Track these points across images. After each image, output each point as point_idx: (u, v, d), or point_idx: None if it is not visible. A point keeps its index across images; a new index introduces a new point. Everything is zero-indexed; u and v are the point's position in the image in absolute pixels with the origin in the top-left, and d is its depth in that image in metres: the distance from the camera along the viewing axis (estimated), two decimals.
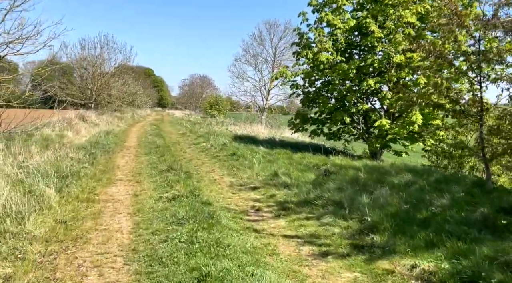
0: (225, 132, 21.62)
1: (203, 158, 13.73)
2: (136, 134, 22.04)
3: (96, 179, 9.06)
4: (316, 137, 17.21)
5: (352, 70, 13.21)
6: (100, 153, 13.08)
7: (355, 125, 14.69)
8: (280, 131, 23.84)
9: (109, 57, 34.51)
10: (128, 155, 13.80)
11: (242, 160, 12.29)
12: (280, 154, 13.47)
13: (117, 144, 16.40)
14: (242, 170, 10.97)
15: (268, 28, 28.45)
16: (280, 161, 12.13)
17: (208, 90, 63.20)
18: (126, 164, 12.01)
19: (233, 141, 16.76)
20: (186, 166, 11.68)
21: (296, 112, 16.76)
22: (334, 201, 6.97)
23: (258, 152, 13.80)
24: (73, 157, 10.95)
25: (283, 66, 16.13)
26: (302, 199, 7.46)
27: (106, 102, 36.77)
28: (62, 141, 15.28)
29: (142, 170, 10.92)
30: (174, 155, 13.72)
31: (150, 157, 13.16)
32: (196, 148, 16.38)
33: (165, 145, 16.71)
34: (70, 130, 17.72)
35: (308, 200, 7.30)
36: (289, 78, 15.91)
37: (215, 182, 9.70)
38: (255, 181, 9.62)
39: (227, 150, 14.41)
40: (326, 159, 12.46)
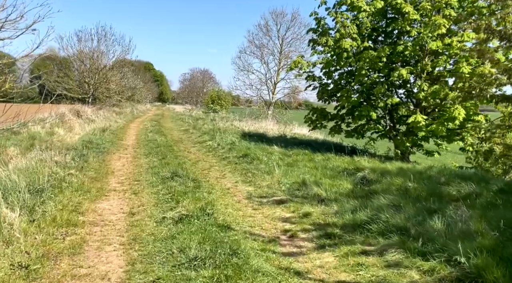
0: (231, 129, 19.78)
1: (211, 160, 11.91)
2: (135, 131, 20.19)
3: (83, 190, 7.23)
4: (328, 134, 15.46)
5: (382, 58, 11.36)
6: (92, 154, 11.24)
7: (382, 122, 12.86)
8: (290, 127, 22.01)
9: (107, 49, 32.54)
10: (125, 156, 11.97)
11: (256, 163, 10.47)
12: (299, 155, 11.66)
13: (114, 143, 14.57)
14: (259, 176, 9.15)
15: (275, 18, 26.56)
16: (301, 164, 10.32)
17: (209, 85, 61.19)
18: (122, 167, 10.19)
19: (242, 139, 14.93)
20: (192, 170, 9.86)
21: (311, 107, 14.93)
22: (395, 225, 5.16)
23: (272, 152, 11.99)
24: (58, 160, 9.13)
25: (298, 55, 14.27)
26: (348, 221, 5.64)
27: (105, 97, 34.88)
28: (52, 139, 13.45)
29: (141, 176, 9.11)
30: (177, 156, 11.90)
31: (151, 158, 11.34)
32: (201, 147, 14.56)
33: (167, 143, 14.88)
34: (62, 127, 15.87)
35: (357, 223, 5.49)
36: (304, 69, 14.08)
37: (229, 192, 7.89)
38: (278, 191, 7.81)
39: (237, 150, 12.59)
40: (353, 161, 10.69)
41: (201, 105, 57.51)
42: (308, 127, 14.35)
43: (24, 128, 14.25)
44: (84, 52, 31.52)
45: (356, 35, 12.32)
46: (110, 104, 34.82)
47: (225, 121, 24.60)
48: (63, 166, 8.78)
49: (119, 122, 23.77)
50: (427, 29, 10.93)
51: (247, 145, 13.55)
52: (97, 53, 31.81)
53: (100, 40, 32.12)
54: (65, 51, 31.57)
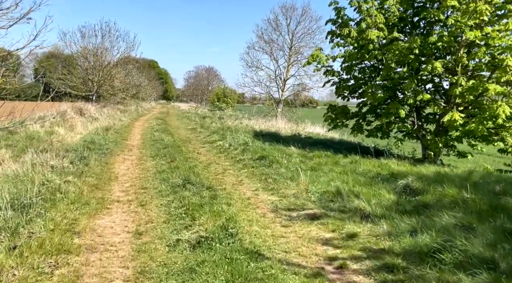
0: (241, 128, 18.61)
1: (224, 162, 10.74)
2: (140, 129, 19.05)
3: (81, 202, 6.08)
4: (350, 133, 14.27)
5: (414, 50, 10.14)
6: (94, 156, 10.11)
7: (409, 120, 11.63)
8: (302, 126, 20.82)
9: (111, 46, 31.39)
10: (130, 158, 10.83)
11: (276, 167, 9.30)
12: (321, 157, 10.48)
13: (118, 143, 13.43)
14: (281, 183, 7.98)
15: (284, 12, 25.30)
16: (326, 168, 9.15)
17: (214, 82, 60.02)
18: (127, 172, 9.05)
19: (254, 139, 13.76)
20: (205, 175, 8.71)
21: (329, 105, 13.73)
22: (477, 256, 3.98)
23: (291, 154, 10.82)
24: (55, 165, 7.99)
25: (316, 48, 13.06)
26: (409, 247, 4.46)
27: (109, 94, 33.78)
28: (51, 140, 12.34)
29: (148, 182, 7.96)
30: (187, 159, 10.75)
31: (158, 161, 10.19)
32: (211, 148, 13.40)
33: (175, 143, 13.74)
34: (63, 126, 14.75)
35: (423, 251, 4.30)
36: (323, 63, 12.86)
37: (251, 203, 6.71)
38: (308, 202, 6.63)
39: (251, 151, 11.42)
40: (382, 165, 9.53)
41: (206, 103, 56.38)
42: (327, 126, 13.13)
43: (22, 127, 13.17)
44: (87, 49, 30.41)
45: (382, 25, 11.10)
46: (115, 102, 33.73)
47: (233, 119, 23.43)
48: (59, 171, 7.64)
49: (123, 121, 22.65)
50: (465, 17, 9.70)
51: (262, 146, 12.38)
52: (101, 50, 30.70)
53: (104, 36, 31.00)
54: (69, 48, 30.47)
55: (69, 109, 18.20)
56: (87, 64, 30.80)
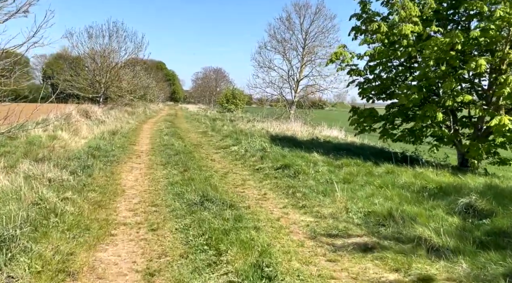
0: (255, 131, 17.48)
1: (242, 171, 9.62)
2: (148, 133, 18.00)
3: (80, 227, 4.97)
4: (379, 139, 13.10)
5: (456, 45, 8.94)
6: (99, 165, 9.05)
7: (446, 124, 10.42)
8: (319, 128, 19.64)
9: (119, 46, 30.45)
10: (138, 167, 9.75)
11: (303, 178, 8.15)
12: (350, 165, 9.32)
13: (125, 149, 12.36)
14: (312, 198, 6.83)
15: (298, 10, 24.13)
16: (360, 179, 7.98)
17: (222, 84, 58.96)
18: (135, 183, 7.96)
19: (272, 144, 12.63)
20: (223, 188, 7.59)
21: (352, 107, 12.56)
22: None
23: (316, 162, 9.67)
24: (53, 177, 6.91)
25: (339, 46, 11.89)
26: None
27: (117, 96, 32.85)
28: (53, 145, 11.31)
29: (159, 197, 6.85)
30: (201, 167, 9.64)
31: (170, 170, 9.09)
32: (225, 154, 12.28)
33: (186, 149, 12.64)
34: (67, 130, 13.73)
35: None
36: (347, 61, 11.71)
37: (282, 226, 5.56)
38: (352, 225, 5.47)
39: (271, 158, 10.29)
40: (421, 174, 8.38)
41: (214, 104, 55.36)
42: (354, 131, 11.92)
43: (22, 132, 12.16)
44: (94, 49, 29.49)
45: (416, 19, 9.91)
46: (122, 104, 32.81)
47: (245, 121, 22.32)
48: (57, 186, 6.56)
49: (131, 123, 21.63)
50: None
51: (281, 152, 11.25)
52: (108, 50, 29.77)
53: (111, 37, 30.12)
54: (75, 49, 29.57)
55: (75, 111, 17.19)
56: (94, 65, 29.90)
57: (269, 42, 24.63)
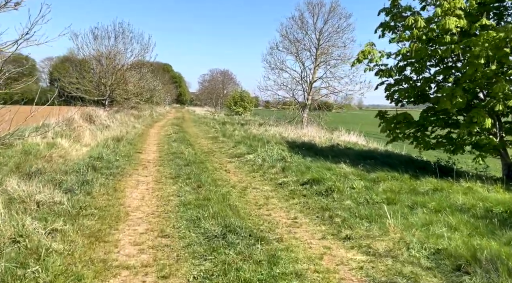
0: (269, 137, 16.24)
1: (262, 186, 8.36)
2: (155, 139, 16.81)
3: (69, 277, 3.74)
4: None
5: (510, 42, 7.65)
6: (101, 179, 7.84)
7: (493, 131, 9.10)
8: (336, 133, 18.34)
9: (125, 47, 29.32)
10: (145, 181, 8.54)
11: (338, 197, 6.88)
12: (387, 180, 8.04)
13: (130, 158, 11.17)
14: (356, 225, 5.56)
15: (311, 9, 22.86)
16: (406, 198, 6.70)
17: (229, 86, 57.77)
18: (141, 203, 6.74)
19: (292, 153, 11.38)
20: (245, 210, 6.35)
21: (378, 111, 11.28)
22: None
23: (346, 175, 8.42)
24: (42, 200, 5.70)
25: (367, 44, 10.61)
26: None
27: (123, 99, 31.74)
28: (51, 155, 10.14)
29: (170, 223, 5.61)
30: (216, 181, 8.41)
31: (181, 185, 7.86)
32: (240, 164, 11.03)
33: (197, 158, 11.42)
34: (68, 137, 12.56)
35: None
36: (376, 61, 10.45)
37: (328, 269, 4.29)
38: (419, 269, 4.17)
39: (294, 170, 9.04)
40: (470, 190, 7.13)
41: (221, 107, 54.23)
42: (386, 138, 10.60)
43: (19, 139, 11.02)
44: (100, 51, 28.40)
45: (460, 12, 8.63)
46: (128, 107, 31.71)
47: (256, 125, 21.08)
48: (47, 211, 5.35)
49: (137, 128, 20.48)
50: None
51: (304, 162, 10.01)
52: (114, 52, 28.66)
53: (117, 38, 28.95)
54: (80, 50, 28.48)
55: (77, 116, 16.05)
56: (100, 67, 28.82)
57: (281, 42, 23.38)
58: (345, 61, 22.59)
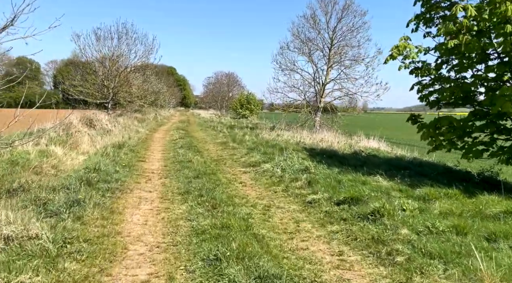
0: (283, 142, 14.84)
1: (288, 205, 6.93)
2: (160, 145, 15.43)
3: None
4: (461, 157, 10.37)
5: None
6: (95, 198, 6.45)
7: None
8: (355, 138, 16.89)
9: (129, 48, 28.01)
10: (148, 198, 7.14)
11: (390, 223, 5.43)
12: (439, 198, 6.62)
13: (132, 168, 9.78)
14: (430, 269, 4.12)
15: (323, 7, 21.50)
16: (479, 226, 5.26)
17: (234, 89, 56.41)
18: (143, 231, 5.33)
19: (315, 162, 9.97)
20: (274, 242, 4.94)
21: (410, 114, 9.86)
22: None
23: (388, 192, 7.00)
24: (12, 235, 4.29)
25: (401, 38, 9.20)
26: None
27: (127, 102, 30.41)
28: (41, 165, 8.77)
29: (181, 265, 4.19)
30: (232, 199, 7.00)
31: (192, 205, 6.44)
32: (257, 174, 9.62)
33: (207, 168, 10.03)
34: (63, 144, 11.19)
35: None
36: (413, 57, 9.08)
37: None
38: None
39: (323, 185, 7.62)
40: None
41: (226, 110, 52.88)
42: (427, 146, 9.12)
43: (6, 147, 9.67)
44: (102, 52, 27.12)
45: None
46: (132, 110, 30.40)
47: (267, 130, 19.67)
48: (17, 251, 3.96)
49: (140, 132, 19.12)
50: None
51: (331, 174, 8.60)
52: (117, 53, 27.37)
53: (120, 39, 27.64)
54: (82, 51, 27.18)
55: (76, 120, 14.70)
56: (103, 69, 27.53)
57: (291, 42, 21.97)
58: (360, 61, 21.20)
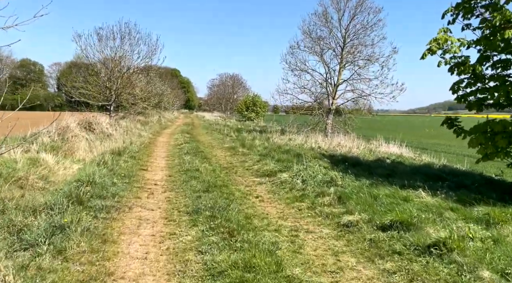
0: (297, 147, 13.57)
1: (317, 229, 5.65)
2: (164, 150, 14.19)
3: None
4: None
5: None
6: (84, 220, 5.21)
7: None
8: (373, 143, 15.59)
9: (131, 49, 26.81)
10: (150, 218, 5.88)
11: (467, 264, 4.14)
12: (507, 221, 5.31)
13: (132, 179, 8.54)
14: None
15: (335, 4, 20.27)
16: None
17: (239, 91, 55.16)
18: (142, 270, 4.08)
19: (340, 172, 8.69)
20: None
21: (446, 117, 8.59)
22: None
23: (440, 212, 5.79)
24: None
25: (440, 30, 7.94)
26: None
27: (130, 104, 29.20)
28: (27, 176, 7.54)
29: None
30: (251, 219, 5.74)
31: (204, 233, 5.18)
32: (274, 187, 8.34)
33: (217, 178, 8.78)
34: (57, 150, 9.98)
35: None
36: (455, 52, 7.85)
37: None
38: None
39: (359, 202, 6.35)
40: None
41: (231, 112, 51.64)
42: (477, 154, 7.80)
43: None
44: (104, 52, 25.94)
45: None
46: (135, 113, 29.20)
47: (278, 133, 18.40)
48: None
49: (143, 136, 17.90)
50: None
51: (362, 187, 7.33)
52: (119, 54, 26.18)
53: (123, 39, 26.43)
54: (84, 52, 26.01)
55: (73, 123, 13.48)
56: (105, 70, 26.36)
57: (302, 41, 20.70)
58: (374, 61, 19.89)
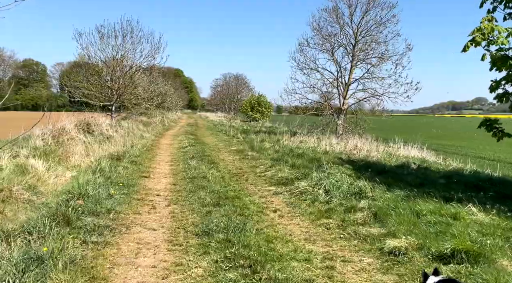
0: (310, 150, 12.49)
1: (357, 258, 4.55)
2: (168, 153, 13.13)
3: None
4: None
5: None
6: (69, 248, 4.15)
7: None
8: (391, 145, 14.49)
9: (134, 47, 25.77)
10: (151, 242, 4.81)
11: None
12: None
13: (132, 189, 7.46)
14: None
15: (347, 0, 19.19)
16: None
17: (243, 91, 54.09)
18: None
19: (367, 181, 7.59)
20: None
21: (484, 118, 7.53)
22: None
23: (507, 235, 4.62)
24: None
25: (484, 19, 6.86)
26: None
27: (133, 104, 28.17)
28: (11, 188, 6.49)
29: None
30: (274, 246, 4.66)
31: (218, 264, 4.11)
32: (293, 198, 7.27)
33: (228, 187, 7.71)
34: (49, 156, 8.94)
35: None
36: (502, 43, 6.79)
37: None
38: None
39: (402, 222, 5.28)
40: None
41: (234, 112, 50.60)
42: None
43: None
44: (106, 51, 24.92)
45: None
46: (138, 113, 28.19)
47: (287, 135, 17.31)
48: None
49: (145, 138, 16.86)
50: None
51: (399, 201, 6.24)
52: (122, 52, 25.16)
53: (125, 37, 25.38)
54: (85, 50, 24.99)
55: (70, 124, 12.44)
56: (106, 69, 25.35)
57: (311, 38, 19.58)
58: (387, 59, 18.77)
